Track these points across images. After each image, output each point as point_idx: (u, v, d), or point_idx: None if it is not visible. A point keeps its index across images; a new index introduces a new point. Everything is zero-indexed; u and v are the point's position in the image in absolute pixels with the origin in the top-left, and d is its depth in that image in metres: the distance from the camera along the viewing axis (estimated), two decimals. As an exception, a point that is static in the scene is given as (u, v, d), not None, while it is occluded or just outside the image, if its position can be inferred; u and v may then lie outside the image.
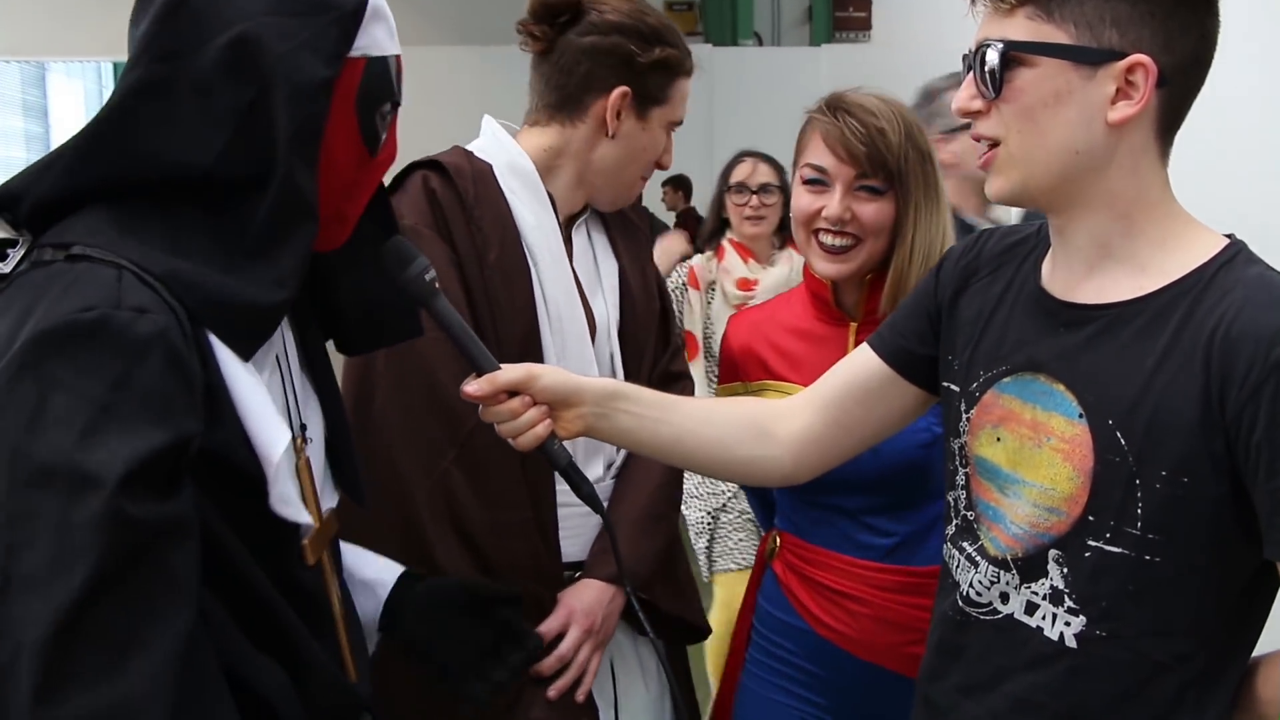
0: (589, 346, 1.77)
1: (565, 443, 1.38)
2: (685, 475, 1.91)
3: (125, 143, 1.07)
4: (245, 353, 1.07)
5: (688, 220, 8.82)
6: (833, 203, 1.68)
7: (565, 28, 1.73)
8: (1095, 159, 1.15)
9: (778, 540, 1.86)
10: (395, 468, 1.64)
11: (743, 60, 10.06)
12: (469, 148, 1.79)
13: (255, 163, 1.06)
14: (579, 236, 1.84)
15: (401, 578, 1.43)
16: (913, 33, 7.33)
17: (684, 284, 3.73)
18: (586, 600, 1.72)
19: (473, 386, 1.31)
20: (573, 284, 1.77)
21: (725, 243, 3.74)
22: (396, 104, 1.19)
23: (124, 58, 1.13)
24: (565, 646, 1.69)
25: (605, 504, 1.77)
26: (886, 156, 1.66)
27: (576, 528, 1.74)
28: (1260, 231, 1.30)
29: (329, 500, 1.27)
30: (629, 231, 1.92)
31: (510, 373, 1.32)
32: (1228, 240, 1.18)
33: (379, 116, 1.15)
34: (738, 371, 1.86)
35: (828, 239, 1.70)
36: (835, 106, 1.71)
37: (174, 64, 1.07)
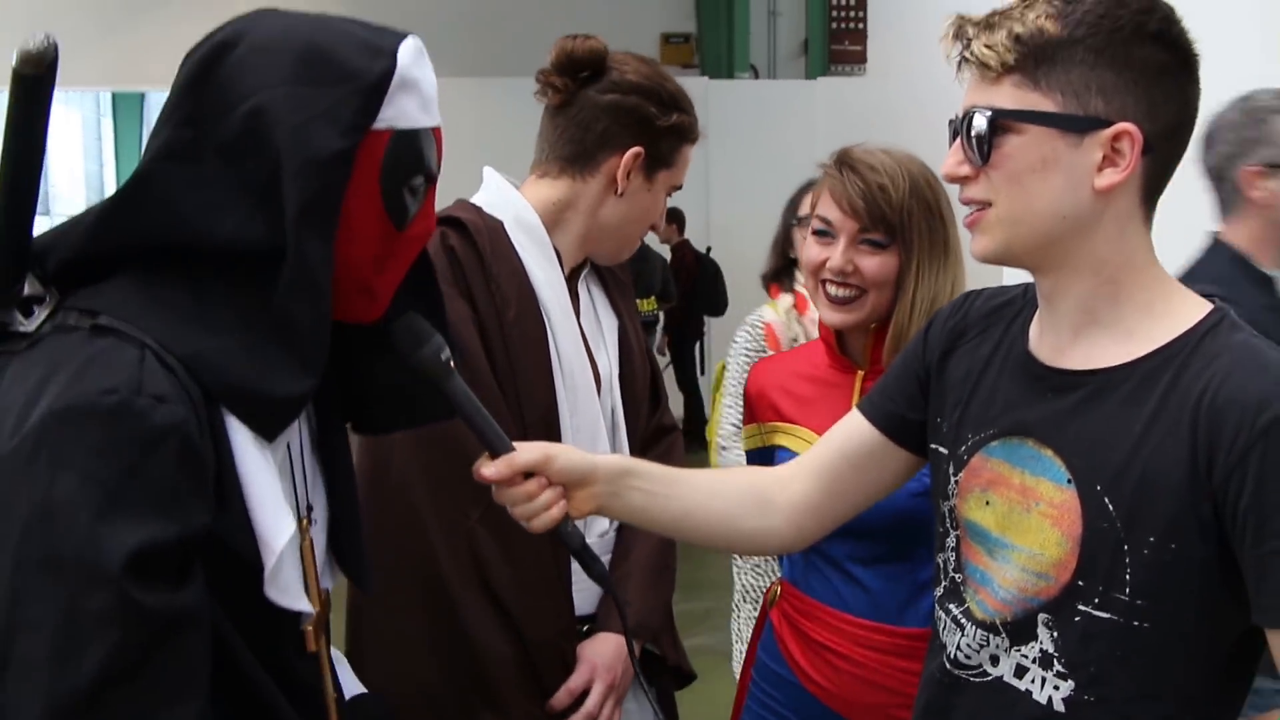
0: (596, 400, 1.78)
1: None
2: None
3: (148, 206, 1.06)
4: (270, 435, 1.06)
5: (683, 253, 8.86)
6: (836, 255, 1.72)
7: (586, 82, 1.74)
8: (1081, 223, 1.16)
9: (779, 589, 1.89)
10: (419, 528, 1.63)
11: (739, 93, 10.12)
12: (475, 201, 1.79)
13: (273, 236, 1.04)
14: (582, 291, 1.86)
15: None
16: (908, 66, 7.38)
17: (761, 344, 3.17)
18: (606, 655, 1.73)
19: (490, 470, 1.27)
20: (580, 340, 1.78)
21: (799, 290, 3.04)
22: (430, 178, 1.15)
23: (121, 87, 1.14)
24: (591, 703, 1.71)
25: (608, 557, 1.80)
26: (886, 211, 1.69)
27: (583, 581, 1.71)
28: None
29: (326, 582, 1.25)
30: (621, 287, 1.94)
31: (527, 454, 1.29)
32: (1212, 306, 1.19)
33: (407, 190, 1.12)
34: (754, 413, 1.90)
35: (833, 289, 1.74)
36: (842, 161, 1.75)
37: (197, 130, 1.06)
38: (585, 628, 1.77)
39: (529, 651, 1.66)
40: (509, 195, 1.79)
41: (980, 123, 1.16)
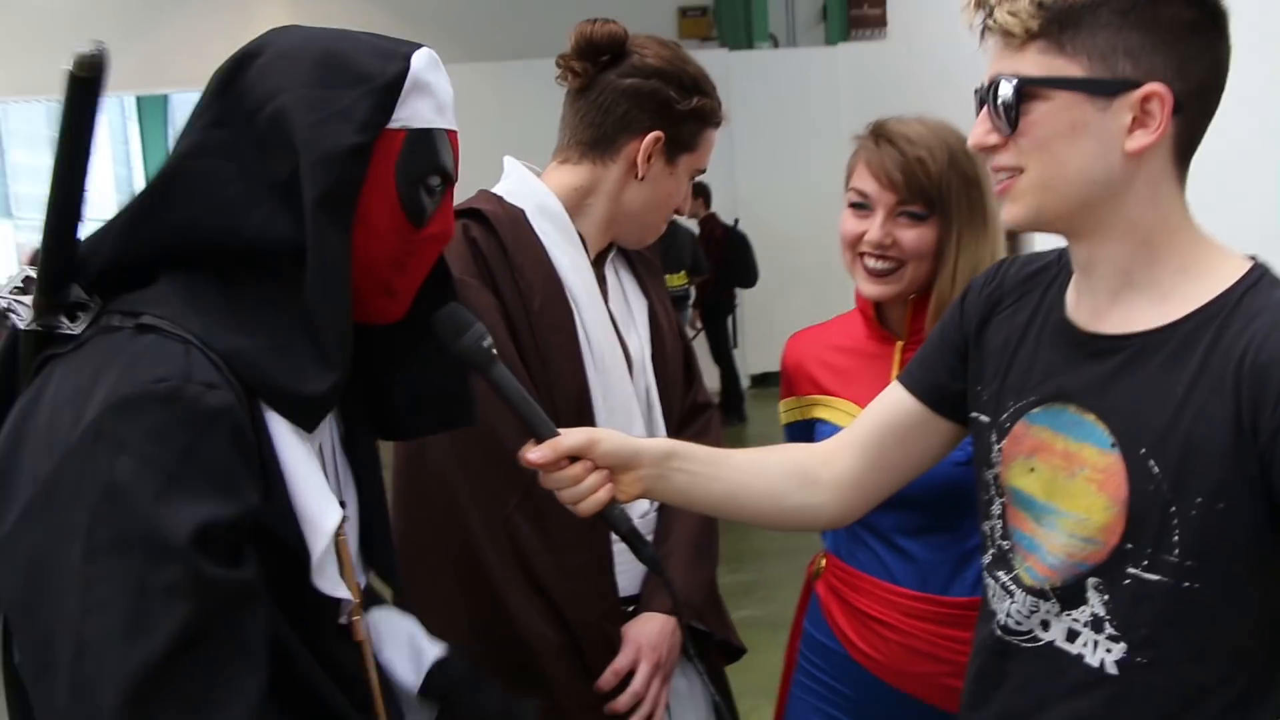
0: (629, 383, 1.79)
1: None
2: None
3: (179, 203, 1.10)
4: (309, 426, 1.10)
5: (711, 226, 8.83)
6: (874, 228, 1.71)
7: (606, 67, 1.73)
8: (1114, 187, 1.15)
9: (823, 562, 1.89)
10: (458, 517, 1.65)
11: (759, 63, 10.06)
12: (497, 191, 1.80)
13: (297, 232, 1.08)
14: (610, 274, 1.86)
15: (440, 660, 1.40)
16: (929, 29, 7.31)
17: None
18: (651, 634, 1.74)
19: (535, 454, 1.29)
20: (609, 322, 1.79)
21: None
22: (448, 178, 1.19)
23: (145, 91, 1.17)
24: (638, 683, 1.71)
25: (650, 537, 1.80)
26: (925, 183, 1.68)
27: (628, 563, 1.74)
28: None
29: (359, 577, 1.27)
30: (650, 269, 1.94)
31: (571, 438, 1.30)
32: (1251, 263, 1.17)
33: (424, 189, 1.16)
34: (792, 387, 1.90)
35: (871, 262, 1.73)
36: (879, 134, 1.73)
37: (224, 132, 1.11)
38: (630, 608, 1.78)
39: (574, 635, 1.67)
40: (530, 183, 1.79)
41: (1006, 91, 1.15)
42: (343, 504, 1.21)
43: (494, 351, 1.26)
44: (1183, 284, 1.17)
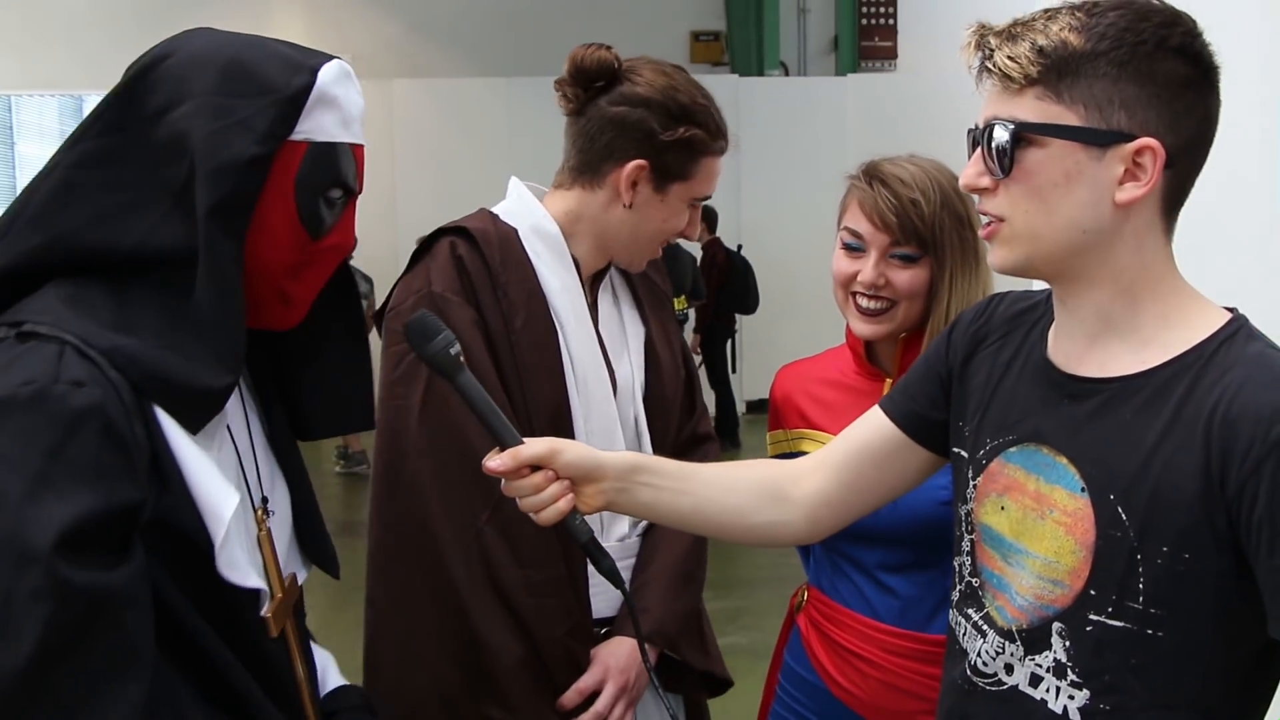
0: (613, 407, 1.79)
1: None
2: None
3: (69, 210, 1.11)
4: (192, 427, 1.10)
5: (714, 251, 8.84)
6: (867, 268, 1.72)
7: (600, 92, 1.74)
8: (1102, 236, 1.15)
9: (805, 595, 1.89)
10: (429, 530, 1.65)
11: (769, 91, 10.10)
12: (495, 210, 1.82)
13: (189, 237, 1.10)
14: (605, 298, 1.86)
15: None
16: (939, 61, 7.34)
17: None
18: (621, 657, 1.73)
19: (495, 461, 1.31)
20: (597, 345, 1.79)
21: None
22: (350, 191, 1.20)
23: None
24: (601, 704, 1.71)
25: (633, 560, 1.80)
26: (919, 225, 1.69)
27: (604, 584, 1.73)
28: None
29: (294, 569, 1.29)
30: (656, 297, 1.93)
31: (533, 447, 1.32)
32: (1230, 315, 1.18)
33: (323, 201, 1.17)
34: (780, 419, 1.90)
35: (864, 301, 1.74)
36: (872, 175, 1.73)
37: (120, 137, 1.12)
38: (604, 630, 1.77)
39: (538, 650, 1.67)
40: (529, 204, 1.81)
41: (1002, 135, 1.15)
42: (265, 499, 1.24)
43: (461, 359, 1.29)
44: (1162, 331, 1.17)
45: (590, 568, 1.70)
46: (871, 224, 1.71)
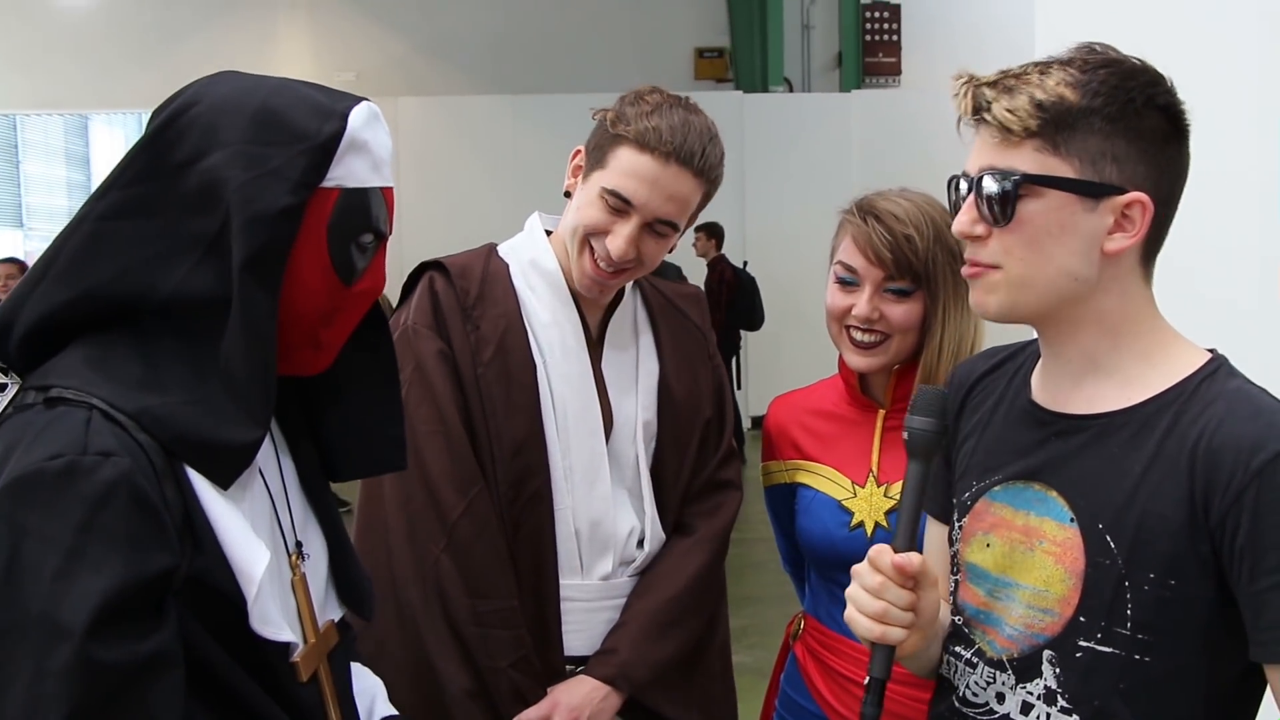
0: (599, 443, 1.76)
1: (576, 525, 1.39)
2: None
3: (99, 263, 1.10)
4: (223, 483, 1.09)
5: (721, 268, 8.85)
6: (861, 302, 1.73)
7: None
8: (1089, 284, 1.19)
9: (802, 623, 1.89)
10: (391, 558, 1.68)
11: (773, 107, 10.13)
12: (501, 245, 1.83)
13: (221, 287, 1.09)
14: (617, 333, 1.83)
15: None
16: (942, 78, 7.35)
17: None
18: (575, 696, 1.71)
19: (901, 558, 1.21)
20: (588, 380, 1.77)
21: None
22: (380, 235, 1.20)
23: (160, 108, 1.16)
24: None
25: (620, 600, 1.77)
26: (913, 261, 1.70)
27: (581, 622, 1.74)
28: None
29: (331, 613, 1.29)
30: (684, 334, 1.89)
31: (922, 564, 1.22)
32: (1209, 354, 1.22)
33: (355, 247, 1.16)
34: (775, 450, 1.90)
35: (858, 335, 1.75)
36: (865, 210, 1.74)
37: (150, 186, 1.11)
38: (579, 669, 1.75)
39: (483, 681, 1.66)
40: (534, 239, 1.81)
41: (1002, 185, 1.18)
42: (300, 544, 1.23)
43: (933, 451, 1.25)
44: (1146, 371, 1.21)
45: (564, 604, 1.72)
46: (865, 259, 1.72)
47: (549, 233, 1.83)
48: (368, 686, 1.39)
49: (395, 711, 1.40)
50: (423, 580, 1.66)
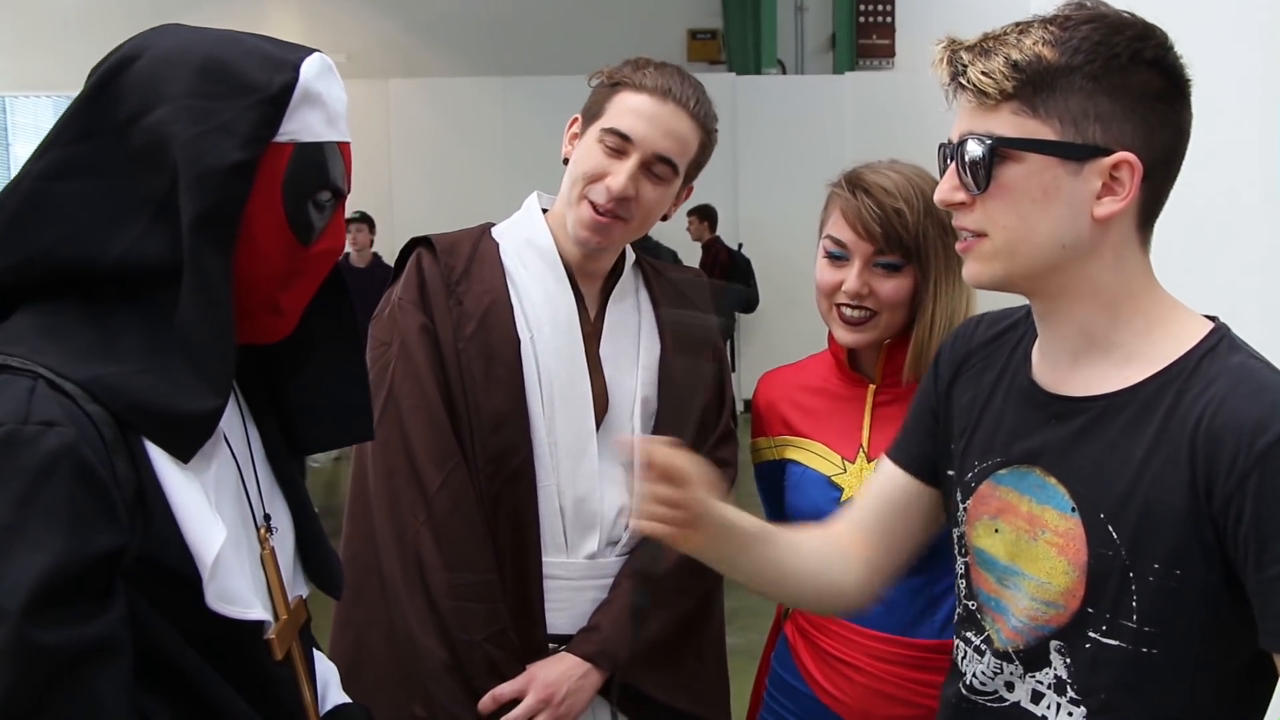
0: (589, 420, 1.76)
1: (560, 503, 1.36)
2: None
3: (42, 226, 1.04)
4: (184, 455, 1.04)
5: (716, 250, 8.83)
6: (851, 277, 1.71)
7: None
8: (1080, 251, 1.15)
9: None
10: (373, 530, 1.69)
11: (767, 89, 10.09)
12: (497, 225, 1.84)
13: (173, 251, 1.03)
14: (618, 311, 1.83)
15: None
16: (937, 60, 7.31)
17: None
18: (553, 672, 1.71)
19: (650, 445, 1.27)
20: (578, 358, 1.76)
21: None
22: (338, 193, 1.14)
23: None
24: (517, 712, 1.68)
25: (607, 581, 1.76)
26: (903, 235, 1.68)
27: (565, 600, 1.73)
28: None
29: (299, 589, 1.24)
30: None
31: (677, 459, 1.26)
32: (1211, 325, 1.17)
33: (312, 205, 1.11)
34: (764, 426, 1.88)
35: (847, 310, 1.73)
36: (854, 184, 1.71)
37: (92, 144, 1.05)
38: (560, 647, 1.75)
39: (457, 654, 1.66)
40: (530, 218, 1.82)
41: (978, 150, 1.14)
42: (269, 517, 1.19)
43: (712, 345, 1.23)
44: (1145, 346, 1.17)
45: (547, 581, 1.72)
46: (855, 233, 1.70)
47: (546, 211, 1.83)
48: (322, 670, 1.35)
49: (348, 699, 1.36)
50: (401, 552, 1.67)
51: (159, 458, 1.03)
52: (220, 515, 1.07)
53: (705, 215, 8.67)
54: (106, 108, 1.06)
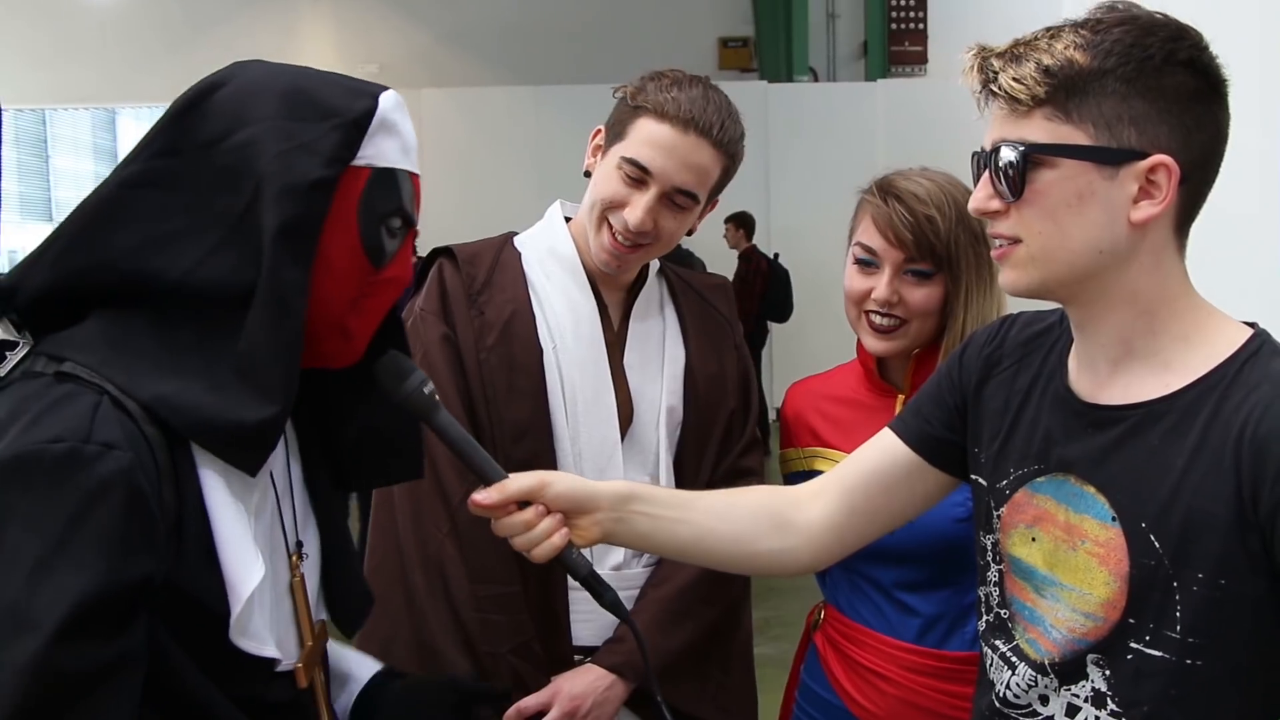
0: (613, 430, 1.75)
1: None
2: None
3: (115, 233, 1.07)
4: (251, 469, 1.06)
5: (755, 259, 8.79)
6: (881, 285, 1.69)
7: None
8: (1118, 257, 1.13)
9: (822, 613, 1.86)
10: (397, 541, 1.69)
11: (798, 96, 10.08)
12: (520, 235, 1.84)
13: (243, 271, 1.06)
14: (643, 319, 1.82)
15: (377, 675, 1.39)
16: (970, 67, 7.27)
17: None
18: (578, 684, 1.70)
19: (482, 496, 1.27)
20: (602, 367, 1.76)
21: None
22: (409, 222, 1.17)
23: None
24: None
25: (634, 592, 1.76)
26: (935, 242, 1.66)
27: (590, 612, 1.69)
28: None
29: (320, 614, 1.26)
30: (709, 322, 1.88)
31: (520, 481, 1.28)
32: (1251, 331, 1.15)
33: (385, 230, 1.14)
34: (792, 437, 1.87)
35: (877, 318, 1.72)
36: (886, 190, 1.70)
37: (174, 161, 1.09)
38: (587, 659, 1.74)
39: (483, 666, 1.66)
40: (553, 226, 1.81)
41: (1011, 157, 1.13)
42: (300, 544, 1.20)
43: (436, 397, 1.25)
44: (1184, 353, 1.15)
45: (572, 593, 1.70)
46: (885, 240, 1.68)
47: (569, 220, 1.82)
48: (347, 663, 1.37)
49: (379, 667, 1.38)
50: (426, 564, 1.67)
51: (210, 484, 1.05)
52: (256, 544, 1.08)
53: (742, 223, 8.62)
54: (190, 128, 1.09)
